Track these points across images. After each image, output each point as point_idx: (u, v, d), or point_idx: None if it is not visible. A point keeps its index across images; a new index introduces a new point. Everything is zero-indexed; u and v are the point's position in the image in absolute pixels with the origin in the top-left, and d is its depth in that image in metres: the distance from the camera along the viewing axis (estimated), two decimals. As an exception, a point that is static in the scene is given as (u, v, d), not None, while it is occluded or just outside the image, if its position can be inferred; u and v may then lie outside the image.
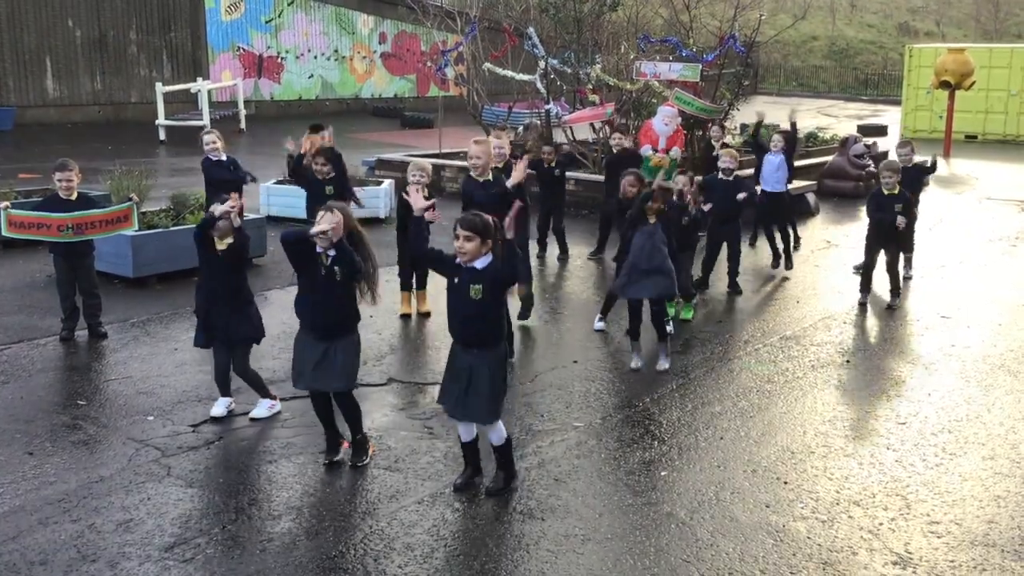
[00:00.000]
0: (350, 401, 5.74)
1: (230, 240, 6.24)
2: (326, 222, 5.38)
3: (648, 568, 4.65)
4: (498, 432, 5.34)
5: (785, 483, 5.59)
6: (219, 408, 6.45)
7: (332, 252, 5.47)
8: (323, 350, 5.54)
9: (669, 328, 7.85)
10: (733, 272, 9.85)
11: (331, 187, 9.14)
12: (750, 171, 12.17)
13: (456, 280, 5.18)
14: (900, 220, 9.06)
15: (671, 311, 8.79)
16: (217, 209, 6.01)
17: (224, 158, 10.08)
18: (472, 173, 7.76)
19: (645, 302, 7.58)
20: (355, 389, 5.84)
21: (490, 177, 7.65)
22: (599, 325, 8.55)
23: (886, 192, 9.27)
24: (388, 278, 9.02)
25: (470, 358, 5.19)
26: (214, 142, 10.00)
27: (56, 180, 7.90)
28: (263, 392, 6.49)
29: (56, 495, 5.28)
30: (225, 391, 6.50)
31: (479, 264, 5.12)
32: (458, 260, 5.16)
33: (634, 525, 5.06)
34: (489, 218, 5.16)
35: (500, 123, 17.54)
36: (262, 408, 6.44)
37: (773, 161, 10.98)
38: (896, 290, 9.49)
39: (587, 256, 11.44)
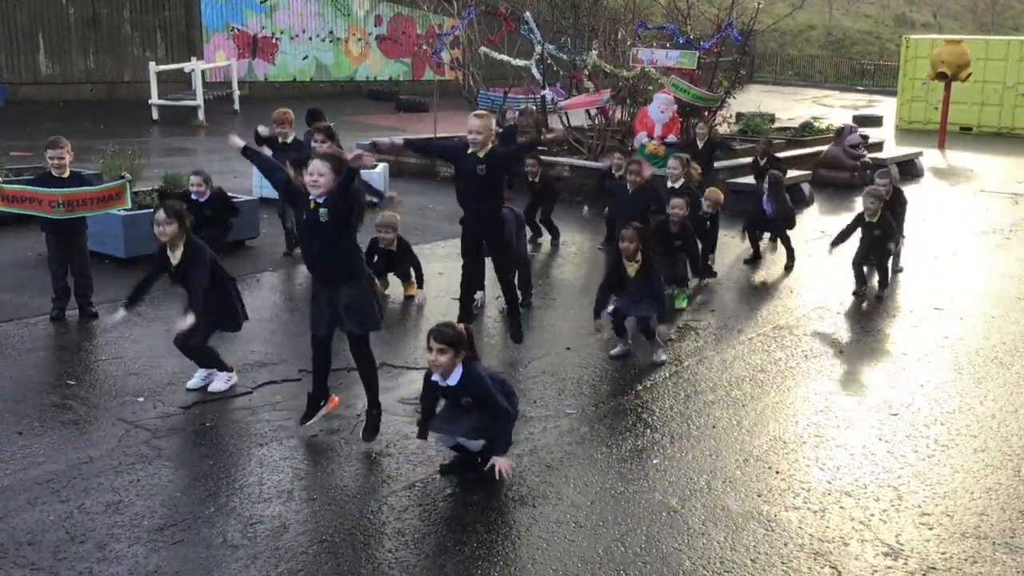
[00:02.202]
0: (364, 352, 5.76)
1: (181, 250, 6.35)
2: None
3: (639, 556, 4.64)
4: (475, 446, 5.34)
5: (777, 473, 5.58)
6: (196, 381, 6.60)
7: (321, 199, 5.48)
8: (327, 297, 5.61)
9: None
10: (704, 256, 9.90)
11: None
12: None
13: (439, 395, 5.30)
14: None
15: (681, 301, 8.83)
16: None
17: (205, 200, 9.38)
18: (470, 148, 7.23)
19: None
20: (372, 333, 5.82)
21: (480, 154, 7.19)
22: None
23: (867, 218, 9.38)
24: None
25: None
26: (199, 184, 9.33)
27: (48, 158, 7.84)
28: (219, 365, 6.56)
29: (45, 475, 5.25)
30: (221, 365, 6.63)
31: (452, 380, 5.17)
32: (433, 377, 5.24)
33: (625, 513, 5.05)
34: (462, 328, 5.23)
35: (495, 108, 17.46)
36: (220, 381, 6.50)
37: (766, 199, 10.77)
38: (884, 281, 9.51)
39: (598, 247, 11.33)
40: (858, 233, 9.55)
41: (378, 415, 5.80)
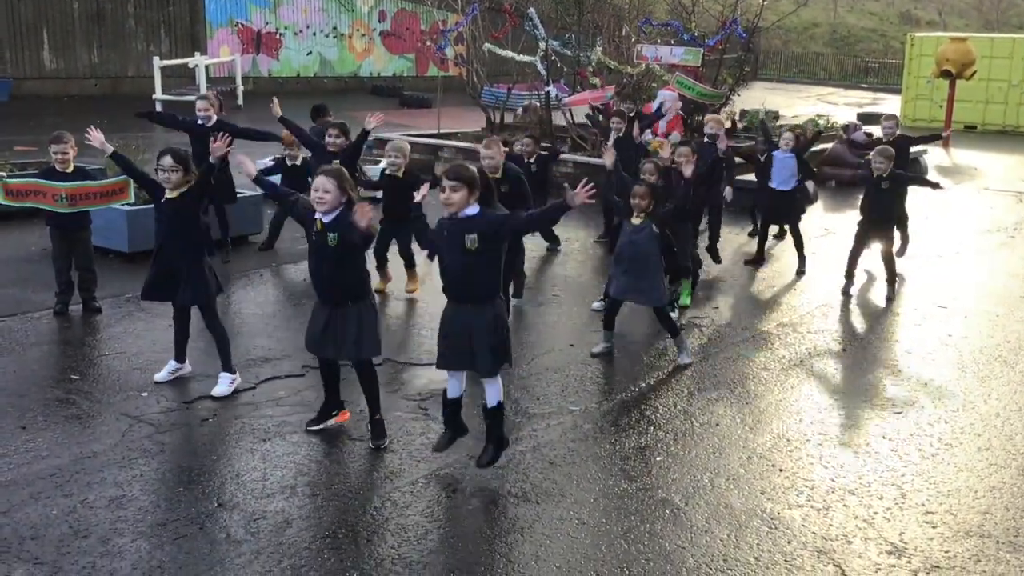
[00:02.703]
0: (366, 372, 5.73)
1: (183, 189, 6.34)
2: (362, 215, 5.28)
3: (642, 553, 4.64)
4: (496, 388, 5.26)
5: (780, 471, 5.58)
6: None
7: (327, 218, 5.44)
8: (327, 316, 5.54)
9: (675, 314, 7.84)
10: (713, 238, 9.87)
11: (337, 160, 8.84)
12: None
13: (446, 232, 5.08)
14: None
15: (685, 298, 8.80)
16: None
17: (212, 124, 9.27)
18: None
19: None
20: (375, 359, 5.81)
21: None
22: (597, 305, 8.42)
23: (875, 175, 9.23)
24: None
25: (466, 316, 5.12)
26: (206, 108, 9.42)
27: (52, 152, 7.84)
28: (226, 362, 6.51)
29: (48, 470, 5.25)
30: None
31: (469, 211, 5.00)
32: (445, 213, 5.06)
33: (629, 510, 5.05)
34: (475, 169, 5.08)
35: (499, 104, 17.44)
36: (223, 384, 6.43)
37: (782, 159, 10.40)
38: (892, 279, 9.46)
39: (593, 240, 11.35)
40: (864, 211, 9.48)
41: (381, 419, 5.79)
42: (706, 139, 9.75)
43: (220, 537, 4.64)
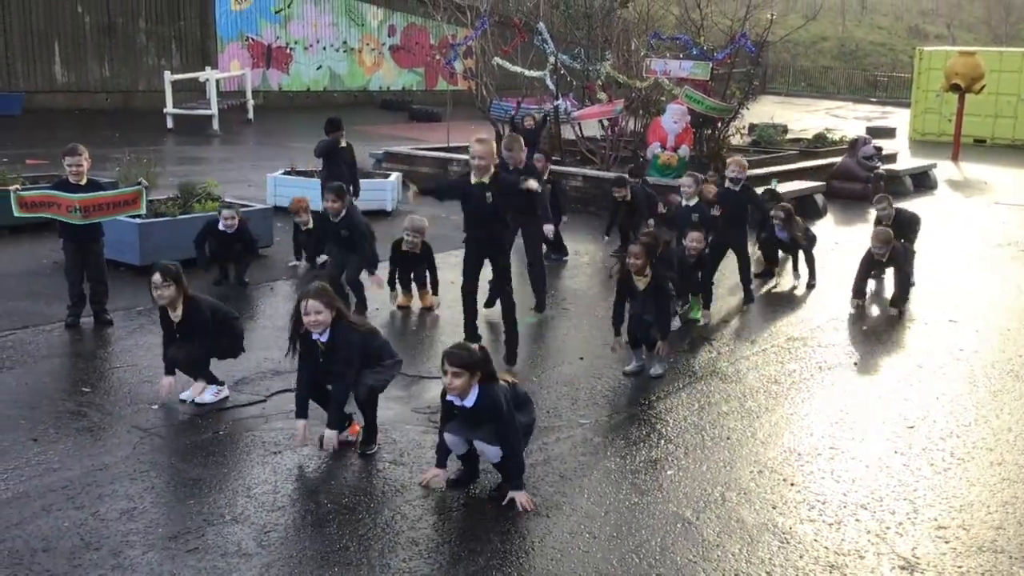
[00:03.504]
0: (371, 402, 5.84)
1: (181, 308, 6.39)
2: None
3: (654, 567, 4.62)
4: (492, 448, 5.24)
5: (792, 485, 5.56)
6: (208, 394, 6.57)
7: (324, 337, 5.61)
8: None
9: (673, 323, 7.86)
10: (746, 280, 9.60)
11: (345, 230, 8.43)
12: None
13: (456, 412, 5.23)
14: (854, 305, 9.31)
15: (696, 313, 8.78)
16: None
17: (233, 232, 9.51)
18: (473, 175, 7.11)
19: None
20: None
21: (485, 180, 7.06)
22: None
23: (875, 258, 9.39)
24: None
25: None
26: (230, 217, 9.46)
27: (66, 165, 7.89)
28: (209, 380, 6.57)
29: (60, 482, 5.26)
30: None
31: (469, 402, 5.13)
32: (449, 397, 5.20)
33: (640, 524, 5.03)
34: (476, 348, 5.22)
35: (504, 118, 17.49)
36: (208, 392, 6.51)
37: (780, 233, 10.31)
38: (903, 297, 9.42)
39: (611, 255, 11.30)
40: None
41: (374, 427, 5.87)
42: (728, 183, 9.41)
43: (231, 550, 4.63)
